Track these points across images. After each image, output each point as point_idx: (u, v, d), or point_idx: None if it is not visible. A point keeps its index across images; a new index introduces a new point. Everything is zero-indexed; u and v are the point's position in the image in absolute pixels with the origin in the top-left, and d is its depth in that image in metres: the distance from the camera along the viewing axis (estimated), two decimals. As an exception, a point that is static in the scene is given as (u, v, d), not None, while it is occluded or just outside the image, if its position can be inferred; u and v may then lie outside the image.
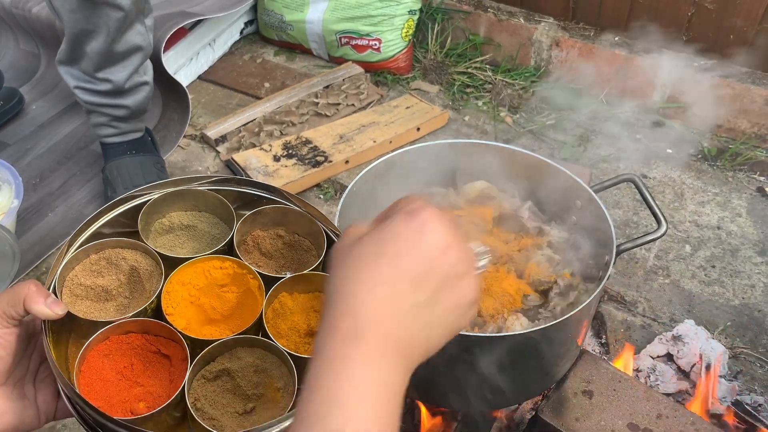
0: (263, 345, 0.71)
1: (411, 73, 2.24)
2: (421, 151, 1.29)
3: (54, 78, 2.18)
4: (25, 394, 0.69)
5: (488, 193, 1.30)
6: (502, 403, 1.21)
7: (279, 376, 0.69)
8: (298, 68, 2.30)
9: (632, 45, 2.03)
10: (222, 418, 0.66)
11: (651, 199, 1.17)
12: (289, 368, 0.69)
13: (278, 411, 0.67)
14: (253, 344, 0.71)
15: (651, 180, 1.86)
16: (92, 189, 1.85)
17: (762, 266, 1.62)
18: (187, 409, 0.66)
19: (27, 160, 1.93)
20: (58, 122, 2.06)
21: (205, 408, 0.66)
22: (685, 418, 1.13)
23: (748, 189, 1.83)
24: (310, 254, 0.82)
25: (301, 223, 0.82)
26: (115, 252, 0.75)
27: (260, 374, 0.69)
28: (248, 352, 0.70)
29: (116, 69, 1.60)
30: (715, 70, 1.92)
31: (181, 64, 2.17)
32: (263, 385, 0.68)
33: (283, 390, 0.68)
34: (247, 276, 0.76)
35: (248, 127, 1.99)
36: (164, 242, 0.80)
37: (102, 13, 1.48)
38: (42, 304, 0.64)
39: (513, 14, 2.18)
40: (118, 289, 0.73)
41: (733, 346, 1.44)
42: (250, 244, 0.82)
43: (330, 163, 1.85)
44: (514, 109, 2.10)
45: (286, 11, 2.24)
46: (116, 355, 0.68)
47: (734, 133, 1.95)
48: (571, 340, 1.13)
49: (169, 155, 1.94)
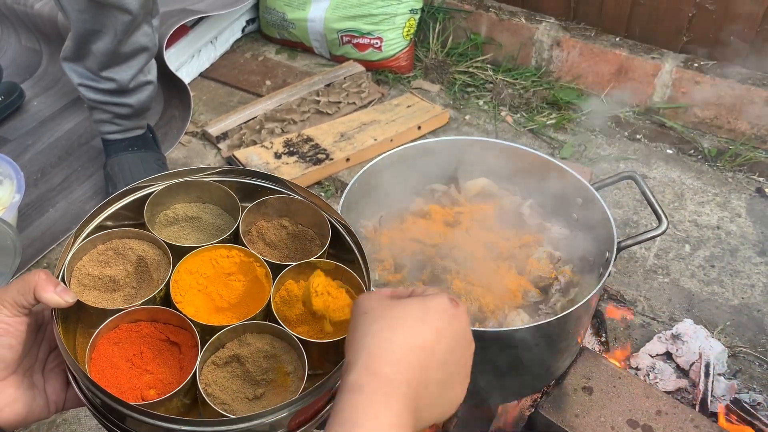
0: (272, 331, 0.71)
1: (412, 72, 2.25)
2: (422, 148, 1.30)
3: (56, 74, 2.18)
4: (35, 383, 0.69)
5: (489, 191, 1.31)
6: (502, 399, 1.21)
7: (288, 361, 0.69)
8: (299, 66, 2.30)
9: (633, 45, 2.04)
10: (233, 402, 0.66)
11: (651, 196, 1.18)
12: (299, 353, 0.70)
13: (288, 395, 0.68)
14: (262, 330, 0.71)
15: (651, 180, 1.87)
16: (93, 185, 1.85)
17: (761, 266, 1.63)
18: (197, 394, 0.67)
19: (28, 155, 1.93)
20: (60, 118, 2.06)
21: (216, 393, 0.66)
22: (684, 414, 1.14)
23: (747, 189, 1.84)
24: (314, 244, 0.82)
25: (305, 213, 0.83)
26: (122, 242, 0.76)
27: (269, 360, 0.70)
28: (257, 338, 0.71)
29: (121, 69, 1.60)
30: (715, 70, 1.93)
31: (183, 62, 2.17)
32: (272, 370, 0.69)
33: (293, 374, 0.69)
34: (254, 264, 0.76)
35: (249, 124, 2.00)
36: (169, 233, 0.81)
37: (110, 15, 1.48)
38: (52, 292, 0.64)
39: (514, 14, 2.19)
40: (125, 279, 0.73)
41: (732, 345, 1.45)
42: (254, 235, 0.82)
43: (331, 160, 1.86)
44: (515, 109, 2.11)
45: (288, 9, 2.25)
46: (126, 343, 0.68)
47: (734, 134, 1.95)
48: (571, 337, 1.14)
49: (170, 152, 1.95)
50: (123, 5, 1.46)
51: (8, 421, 0.67)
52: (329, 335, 0.73)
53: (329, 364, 0.72)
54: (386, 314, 0.59)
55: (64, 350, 0.64)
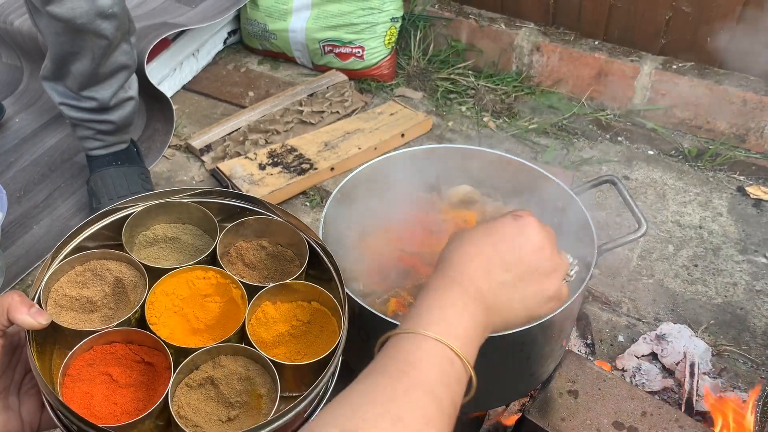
0: (246, 353, 0.71)
1: (395, 79, 2.26)
2: (404, 156, 1.30)
3: (37, 91, 2.18)
4: (10, 405, 0.69)
5: (471, 197, 1.31)
6: (489, 405, 1.22)
7: (262, 384, 0.70)
8: (282, 77, 2.30)
9: (612, 48, 2.06)
10: (205, 425, 0.66)
11: (630, 199, 1.19)
12: (272, 376, 0.70)
13: (260, 417, 0.68)
14: (236, 352, 0.72)
15: (633, 181, 1.89)
16: (77, 201, 1.84)
17: (743, 264, 1.65)
18: (170, 417, 0.67)
19: (10, 173, 1.92)
20: (42, 135, 2.05)
21: (188, 416, 0.66)
22: (669, 415, 1.15)
23: (728, 188, 1.86)
24: (293, 264, 0.82)
25: (283, 233, 0.83)
26: (100, 263, 0.76)
27: (243, 382, 0.70)
28: (231, 360, 0.71)
29: (102, 87, 1.60)
30: (693, 72, 1.96)
31: (165, 75, 2.17)
32: (246, 392, 0.69)
33: (266, 397, 0.69)
34: (230, 286, 0.76)
35: (233, 136, 2.00)
36: (148, 254, 0.81)
37: (87, 38, 1.48)
38: (26, 313, 0.64)
39: (494, 20, 2.20)
40: (102, 300, 0.74)
41: (716, 343, 1.46)
42: (233, 255, 0.82)
43: (315, 170, 1.86)
44: (497, 114, 2.12)
45: (269, 20, 2.25)
46: (100, 364, 0.68)
47: (713, 133, 1.98)
48: (556, 340, 1.14)
49: (154, 166, 1.94)
50: (99, 31, 1.46)
51: None
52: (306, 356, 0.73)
53: (303, 387, 0.72)
54: (463, 236, 0.72)
55: (37, 373, 0.64)
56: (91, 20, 1.43)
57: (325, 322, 0.77)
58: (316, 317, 0.77)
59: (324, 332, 0.76)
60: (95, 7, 1.42)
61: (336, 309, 0.76)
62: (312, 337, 0.76)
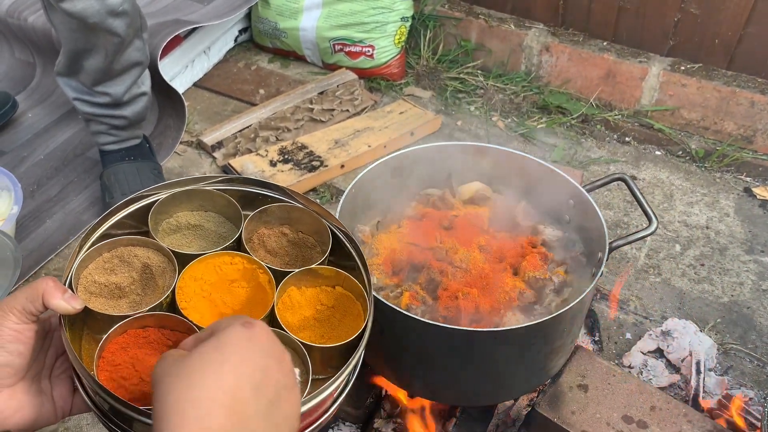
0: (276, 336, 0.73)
1: (404, 78, 2.27)
2: (417, 153, 1.32)
3: (50, 86, 2.20)
4: (42, 389, 0.70)
5: (483, 194, 1.33)
6: (499, 398, 1.23)
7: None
8: (292, 75, 2.32)
9: (620, 50, 2.07)
10: None
11: (641, 196, 1.21)
12: (302, 358, 0.71)
13: None
14: None
15: (641, 181, 1.90)
16: (90, 195, 1.86)
17: (750, 264, 1.66)
18: None
19: (24, 167, 1.94)
20: (55, 130, 2.07)
21: None
22: (677, 410, 1.16)
23: (735, 189, 1.88)
24: (315, 251, 0.84)
25: (305, 220, 0.84)
26: (127, 250, 0.77)
27: None
28: None
29: (115, 83, 1.62)
30: (701, 73, 1.97)
31: (177, 72, 2.19)
32: None
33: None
34: (257, 271, 0.78)
35: (244, 133, 2.02)
36: (172, 242, 0.82)
37: (100, 35, 1.50)
38: (60, 299, 0.66)
39: (503, 20, 2.22)
40: (130, 286, 0.75)
41: (723, 342, 1.48)
42: (255, 242, 0.84)
43: (326, 167, 1.88)
44: (506, 114, 2.14)
45: (280, 19, 2.27)
46: (133, 348, 0.70)
47: (721, 134, 1.99)
48: (566, 336, 1.16)
49: (166, 161, 1.96)
50: (111, 29, 1.48)
51: (18, 427, 0.68)
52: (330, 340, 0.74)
53: (330, 369, 0.73)
54: (182, 374, 0.53)
55: (73, 356, 0.65)
56: (102, 19, 1.46)
57: (348, 307, 0.78)
58: (340, 302, 0.79)
59: (347, 317, 0.77)
60: (105, 5, 1.45)
61: (360, 294, 0.78)
62: (335, 321, 0.77)
